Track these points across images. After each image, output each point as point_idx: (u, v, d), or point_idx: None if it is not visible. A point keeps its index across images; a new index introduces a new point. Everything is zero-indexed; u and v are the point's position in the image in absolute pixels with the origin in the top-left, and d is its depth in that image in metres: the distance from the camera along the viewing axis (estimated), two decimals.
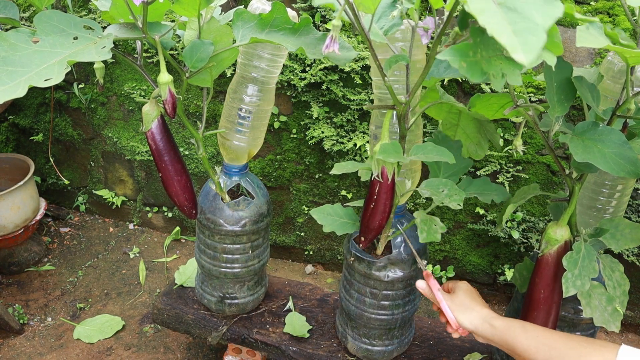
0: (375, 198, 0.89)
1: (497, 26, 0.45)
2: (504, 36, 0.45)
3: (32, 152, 2.12)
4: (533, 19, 0.46)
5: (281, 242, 1.94)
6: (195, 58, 0.88)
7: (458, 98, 1.54)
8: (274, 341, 1.25)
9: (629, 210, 1.49)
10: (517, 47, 0.44)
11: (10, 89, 0.63)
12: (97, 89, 1.24)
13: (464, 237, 1.71)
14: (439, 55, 0.56)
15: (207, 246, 1.23)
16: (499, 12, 0.46)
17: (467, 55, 0.56)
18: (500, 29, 0.45)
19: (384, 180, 0.86)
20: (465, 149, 0.94)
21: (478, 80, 0.56)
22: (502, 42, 0.44)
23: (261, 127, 1.16)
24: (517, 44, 0.44)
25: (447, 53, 0.56)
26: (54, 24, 0.73)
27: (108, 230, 2.11)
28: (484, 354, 1.21)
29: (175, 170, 1.00)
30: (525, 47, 0.44)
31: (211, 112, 1.79)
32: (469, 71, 0.55)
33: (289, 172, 1.80)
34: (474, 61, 0.56)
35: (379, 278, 1.06)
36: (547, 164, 1.53)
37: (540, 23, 0.46)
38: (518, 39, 0.45)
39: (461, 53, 0.56)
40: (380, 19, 0.84)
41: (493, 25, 0.45)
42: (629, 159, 0.70)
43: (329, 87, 1.59)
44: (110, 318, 1.65)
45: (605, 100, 0.90)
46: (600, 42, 0.61)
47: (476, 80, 0.55)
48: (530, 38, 0.45)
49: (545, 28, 0.46)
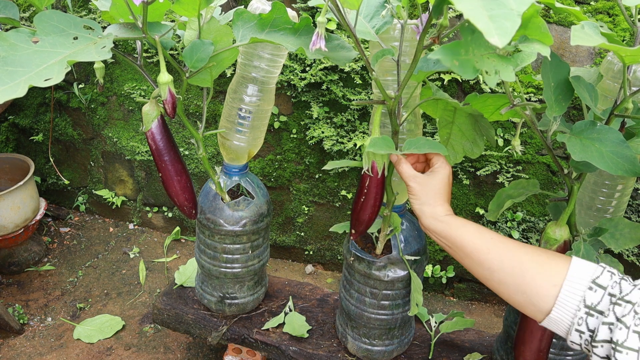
0: (365, 192, 0.89)
1: (474, 12, 0.47)
2: (480, 22, 0.46)
3: (32, 152, 2.12)
4: (508, 4, 0.48)
5: (281, 242, 1.94)
6: (195, 58, 0.88)
7: (458, 97, 1.54)
8: (274, 341, 1.25)
9: (629, 210, 1.49)
10: (492, 31, 0.46)
11: (10, 89, 0.63)
12: (97, 89, 1.24)
13: None
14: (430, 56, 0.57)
15: (207, 246, 1.23)
16: None
17: (458, 54, 0.56)
18: (477, 14, 0.47)
19: (374, 174, 0.87)
20: (461, 147, 0.94)
21: (470, 76, 0.56)
22: (478, 26, 0.46)
23: (261, 127, 1.16)
24: (493, 28, 0.46)
25: (439, 52, 0.56)
26: (54, 24, 0.73)
27: (108, 230, 2.11)
28: (484, 354, 1.21)
29: (175, 170, 1.00)
30: (500, 31, 0.46)
31: (211, 112, 1.79)
32: (461, 68, 0.56)
33: (289, 172, 1.80)
34: (466, 59, 0.56)
35: (378, 278, 1.06)
36: (547, 164, 1.54)
37: (515, 8, 0.48)
38: (493, 24, 0.46)
39: (453, 52, 0.57)
40: (373, 18, 0.85)
41: (470, 11, 0.47)
42: (627, 158, 0.71)
43: (329, 87, 1.59)
44: (110, 318, 1.65)
45: (605, 100, 0.90)
46: (595, 41, 0.61)
47: (468, 76, 0.56)
48: (505, 23, 0.47)
49: (519, 12, 0.47)
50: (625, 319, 0.59)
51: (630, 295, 0.60)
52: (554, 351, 1.05)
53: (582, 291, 0.64)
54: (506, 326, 1.12)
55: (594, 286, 0.64)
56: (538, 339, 0.91)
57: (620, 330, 0.58)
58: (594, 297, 0.63)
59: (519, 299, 0.70)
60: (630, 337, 0.57)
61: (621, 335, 0.58)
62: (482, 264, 0.73)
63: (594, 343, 0.62)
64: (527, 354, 0.93)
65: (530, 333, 0.92)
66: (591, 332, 0.63)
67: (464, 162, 1.61)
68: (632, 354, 0.57)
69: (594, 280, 0.64)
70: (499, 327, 1.69)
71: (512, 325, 1.08)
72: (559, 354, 1.05)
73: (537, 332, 0.91)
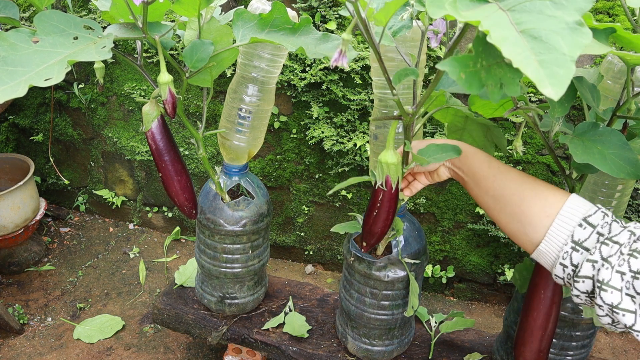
0: (378, 206, 0.89)
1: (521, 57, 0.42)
2: (529, 68, 0.41)
3: (32, 152, 2.12)
4: (560, 49, 0.42)
5: (281, 242, 1.94)
6: (195, 58, 0.88)
7: (460, 97, 1.54)
8: (274, 341, 1.25)
9: (629, 210, 1.49)
10: (544, 80, 0.41)
11: (10, 89, 0.63)
12: (97, 89, 1.24)
13: (464, 237, 1.71)
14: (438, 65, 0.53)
15: (207, 246, 1.23)
16: (521, 40, 0.43)
17: (467, 66, 0.53)
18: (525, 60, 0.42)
19: (387, 189, 0.86)
20: None
21: (476, 91, 0.53)
22: (528, 75, 0.41)
23: (261, 127, 1.16)
24: (544, 76, 0.41)
25: (447, 63, 0.53)
26: (54, 24, 0.73)
27: (108, 230, 2.11)
28: (484, 354, 1.21)
29: (175, 170, 1.00)
30: (553, 81, 0.41)
31: (211, 112, 1.79)
32: (467, 82, 0.52)
33: (289, 172, 1.80)
34: (473, 72, 0.52)
35: (379, 278, 1.06)
36: (547, 164, 1.53)
37: (568, 53, 0.42)
38: (545, 70, 0.41)
39: (461, 64, 0.53)
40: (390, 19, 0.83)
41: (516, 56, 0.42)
42: (629, 161, 0.70)
43: (329, 87, 1.59)
44: (110, 318, 1.65)
45: (605, 100, 0.90)
46: (603, 49, 0.61)
47: (474, 92, 0.53)
48: (558, 70, 0.41)
49: (573, 59, 0.42)
50: (611, 259, 0.60)
51: (619, 237, 0.61)
52: (554, 351, 1.05)
53: (572, 226, 0.65)
54: (506, 326, 1.12)
55: (584, 223, 0.64)
56: (538, 339, 0.91)
57: (605, 270, 0.60)
58: (582, 234, 0.64)
59: (514, 228, 0.71)
60: (614, 276, 0.59)
61: (606, 275, 0.59)
62: (487, 192, 0.75)
63: (576, 278, 0.63)
64: (527, 354, 0.93)
65: (530, 333, 0.92)
66: (574, 267, 0.64)
67: None
68: (616, 293, 0.58)
69: (585, 217, 0.65)
70: (499, 327, 1.69)
71: (512, 325, 1.08)
72: (559, 354, 1.05)
73: (537, 332, 0.91)
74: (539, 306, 0.89)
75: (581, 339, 1.04)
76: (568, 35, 0.43)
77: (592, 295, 0.63)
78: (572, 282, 0.65)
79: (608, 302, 0.59)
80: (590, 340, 1.06)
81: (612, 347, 1.62)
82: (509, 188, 0.72)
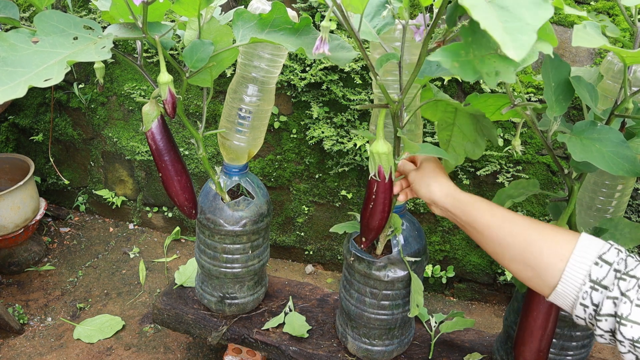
0: (373, 198, 0.89)
1: (489, 22, 0.46)
2: (496, 32, 0.46)
3: (32, 152, 2.12)
4: (524, 18, 0.47)
5: (281, 242, 1.94)
6: (195, 58, 0.88)
7: (458, 98, 1.54)
8: (274, 341, 1.25)
9: (629, 210, 1.49)
10: (508, 43, 0.46)
11: (10, 89, 0.63)
12: (97, 89, 1.24)
13: (464, 237, 1.71)
14: (429, 57, 0.56)
15: (207, 246, 1.23)
16: (490, 8, 0.48)
17: (459, 55, 0.55)
18: (492, 24, 0.46)
19: (381, 179, 0.86)
20: (462, 149, 0.94)
21: (471, 79, 0.56)
22: (494, 37, 0.46)
23: (261, 127, 1.16)
24: (509, 41, 0.46)
25: (439, 54, 0.55)
26: (54, 24, 0.73)
27: (108, 230, 2.11)
28: (484, 354, 1.21)
29: (175, 170, 1.00)
30: (516, 44, 0.46)
31: (211, 112, 1.79)
32: (461, 71, 0.55)
33: (289, 172, 1.80)
34: (466, 61, 0.55)
35: (378, 278, 1.06)
36: (547, 164, 1.54)
37: (531, 23, 0.47)
38: (509, 36, 0.46)
39: (453, 53, 0.56)
40: (374, 18, 0.85)
41: (485, 20, 0.46)
42: (627, 158, 0.71)
43: (329, 87, 1.59)
44: (110, 318, 1.65)
45: (605, 100, 0.90)
46: (597, 42, 0.61)
47: (469, 79, 0.55)
48: (521, 37, 0.46)
49: (535, 28, 0.47)
50: (630, 293, 0.59)
51: (635, 270, 0.61)
52: (554, 351, 1.05)
53: (588, 266, 0.64)
54: (506, 326, 1.12)
55: (600, 261, 0.64)
56: (538, 339, 0.91)
57: (624, 304, 0.59)
58: (600, 272, 0.63)
59: (528, 275, 0.70)
60: (633, 310, 0.58)
61: (625, 309, 0.59)
62: (494, 240, 0.74)
63: (598, 317, 0.62)
64: (527, 354, 0.93)
65: (530, 333, 0.92)
66: (595, 306, 0.63)
67: (464, 162, 1.60)
68: (637, 327, 0.57)
69: (600, 255, 0.64)
70: (499, 327, 1.69)
71: (512, 325, 1.08)
72: (559, 354, 1.05)
73: (537, 332, 0.91)
74: (539, 306, 0.89)
75: (581, 339, 1.04)
76: (532, 7, 0.48)
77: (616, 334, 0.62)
78: (594, 322, 0.64)
79: (629, 336, 0.58)
80: (590, 340, 1.06)
81: (612, 347, 1.62)
82: (516, 235, 0.71)
